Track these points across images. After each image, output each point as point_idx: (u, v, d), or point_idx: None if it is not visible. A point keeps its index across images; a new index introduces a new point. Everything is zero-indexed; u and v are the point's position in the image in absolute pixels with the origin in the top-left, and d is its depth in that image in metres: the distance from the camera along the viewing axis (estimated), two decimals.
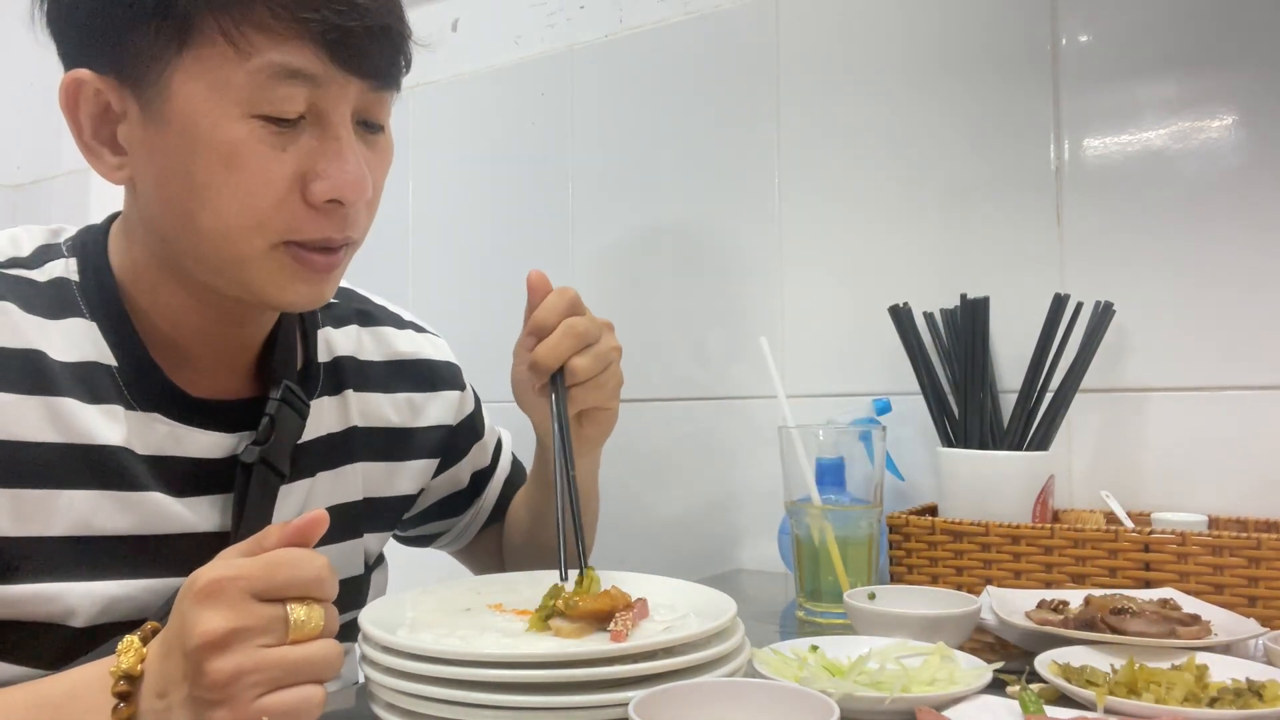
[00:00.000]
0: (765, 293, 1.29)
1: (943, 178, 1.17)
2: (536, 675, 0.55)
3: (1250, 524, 0.94)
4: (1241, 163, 1.01)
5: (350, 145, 0.66)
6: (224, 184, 0.63)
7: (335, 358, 0.84)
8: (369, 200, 0.70)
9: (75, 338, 0.68)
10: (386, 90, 0.69)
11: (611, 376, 0.82)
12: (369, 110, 0.69)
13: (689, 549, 1.33)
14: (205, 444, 0.72)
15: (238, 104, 0.62)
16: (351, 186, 0.66)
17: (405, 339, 0.92)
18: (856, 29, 1.24)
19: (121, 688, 0.52)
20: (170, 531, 0.69)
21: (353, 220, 0.68)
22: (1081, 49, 1.10)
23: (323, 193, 0.65)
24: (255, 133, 0.63)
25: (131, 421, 0.69)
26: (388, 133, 0.73)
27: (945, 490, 1.02)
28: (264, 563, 0.52)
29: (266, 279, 0.67)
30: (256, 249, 0.66)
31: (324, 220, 0.66)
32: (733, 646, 0.62)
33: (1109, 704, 0.57)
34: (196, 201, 0.64)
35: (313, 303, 0.71)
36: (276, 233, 0.65)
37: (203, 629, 0.49)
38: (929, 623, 0.74)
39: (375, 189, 0.70)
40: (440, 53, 1.61)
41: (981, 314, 1.03)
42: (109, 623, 0.66)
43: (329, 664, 0.52)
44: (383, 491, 0.87)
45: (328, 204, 0.66)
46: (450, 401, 0.93)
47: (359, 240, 0.72)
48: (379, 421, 0.86)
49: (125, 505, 0.67)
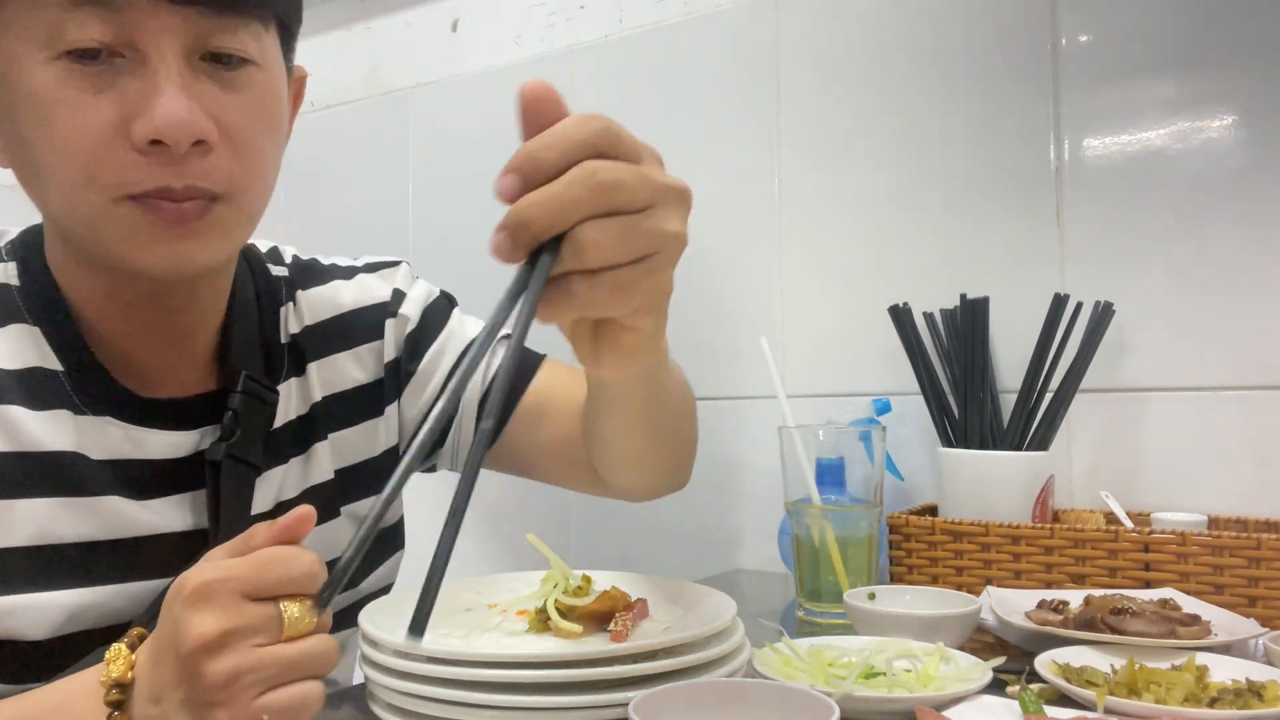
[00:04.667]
0: (765, 293, 1.29)
1: (943, 178, 1.18)
2: (536, 675, 0.55)
3: (1250, 524, 0.94)
4: (1241, 163, 1.01)
5: (170, 78, 0.59)
6: (45, 136, 0.59)
7: (293, 335, 0.80)
8: (231, 146, 0.62)
9: (18, 344, 0.66)
10: (228, 18, 0.61)
11: (648, 273, 0.50)
12: (212, 40, 0.61)
13: (689, 549, 1.33)
14: (163, 444, 0.70)
15: (40, 46, 0.58)
16: (170, 123, 0.58)
17: (353, 287, 0.84)
18: (856, 29, 1.24)
19: (114, 696, 0.51)
20: (135, 535, 0.67)
21: (197, 167, 0.61)
22: (1081, 49, 1.10)
23: (140, 133, 0.58)
24: (62, 76, 0.58)
25: (82, 426, 0.66)
26: (262, 71, 0.64)
27: (945, 490, 1.02)
28: (253, 562, 0.51)
29: (121, 240, 0.61)
30: (96, 206, 0.60)
31: (153, 165, 0.59)
32: (733, 646, 0.62)
33: (1109, 704, 0.57)
34: (33, 163, 0.60)
35: (179, 265, 0.63)
36: (110, 186, 0.60)
37: (197, 632, 0.48)
38: (929, 623, 0.75)
39: (235, 132, 0.62)
40: (440, 53, 1.61)
41: (981, 314, 1.03)
42: (76, 631, 0.65)
43: (326, 658, 0.52)
44: (361, 455, 0.82)
45: (153, 146, 0.59)
46: (389, 331, 0.84)
47: (232, 197, 0.63)
48: (345, 383, 0.81)
49: (84, 511, 0.65)
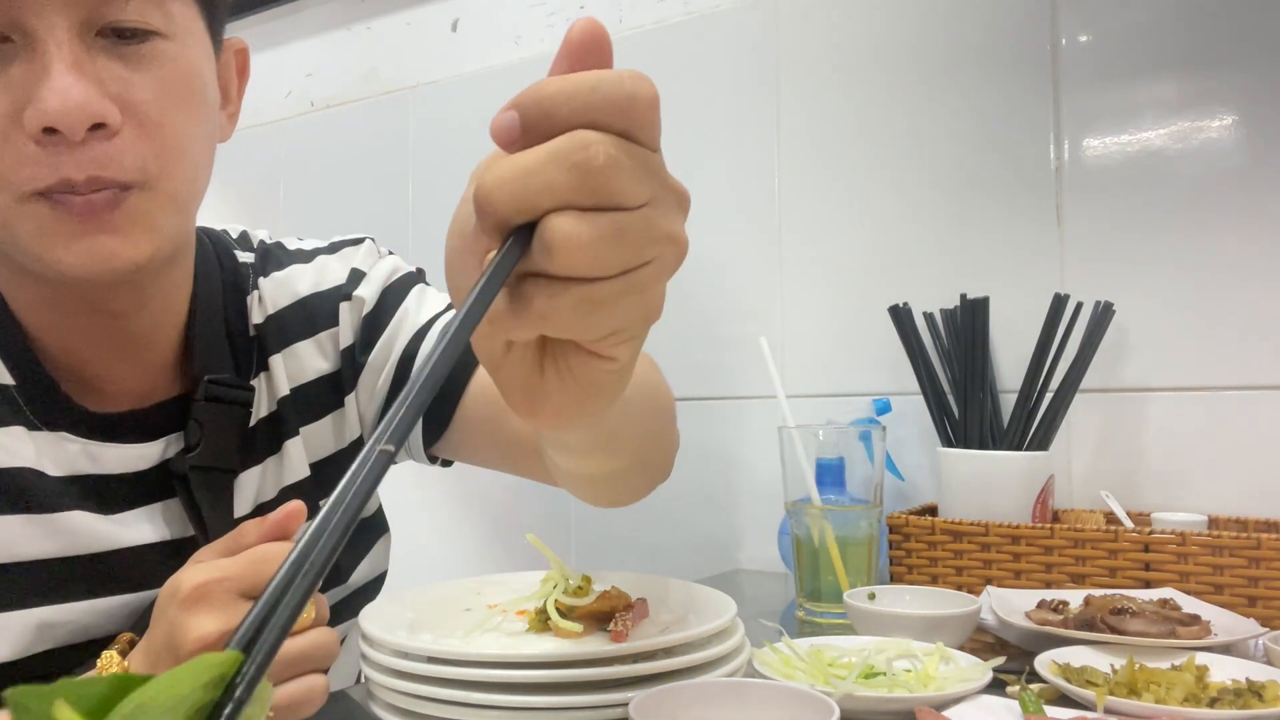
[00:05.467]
0: (765, 293, 1.29)
1: (943, 178, 1.18)
2: (536, 675, 0.55)
3: (1250, 524, 0.94)
4: (1241, 163, 1.01)
5: (60, 58, 0.54)
6: None
7: (255, 326, 0.75)
8: (140, 127, 0.57)
9: None
10: None
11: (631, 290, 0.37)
12: (108, 13, 0.55)
13: (689, 549, 1.33)
14: (123, 459, 0.67)
15: None
16: (63, 108, 0.53)
17: (311, 271, 0.78)
18: (856, 29, 1.24)
19: None
20: (102, 550, 0.65)
21: (107, 155, 0.56)
22: (1081, 49, 1.10)
23: (33, 121, 0.54)
24: None
25: (39, 442, 0.63)
26: (173, 44, 0.59)
27: (945, 490, 1.02)
28: (247, 560, 0.51)
29: (34, 240, 0.57)
30: (4, 206, 0.56)
31: (53, 157, 0.55)
32: (733, 646, 0.62)
33: (1109, 704, 0.57)
34: None
35: (101, 262, 0.58)
36: (11, 183, 0.55)
37: (196, 634, 0.48)
38: (929, 623, 0.75)
39: (144, 111, 0.57)
40: (440, 53, 1.61)
41: (981, 314, 1.03)
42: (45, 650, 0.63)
43: (327, 651, 0.52)
44: (334, 446, 0.79)
45: (47, 135, 0.54)
46: (344, 316, 0.78)
47: (147, 184, 0.58)
48: (310, 374, 0.76)
49: (46, 529, 0.63)
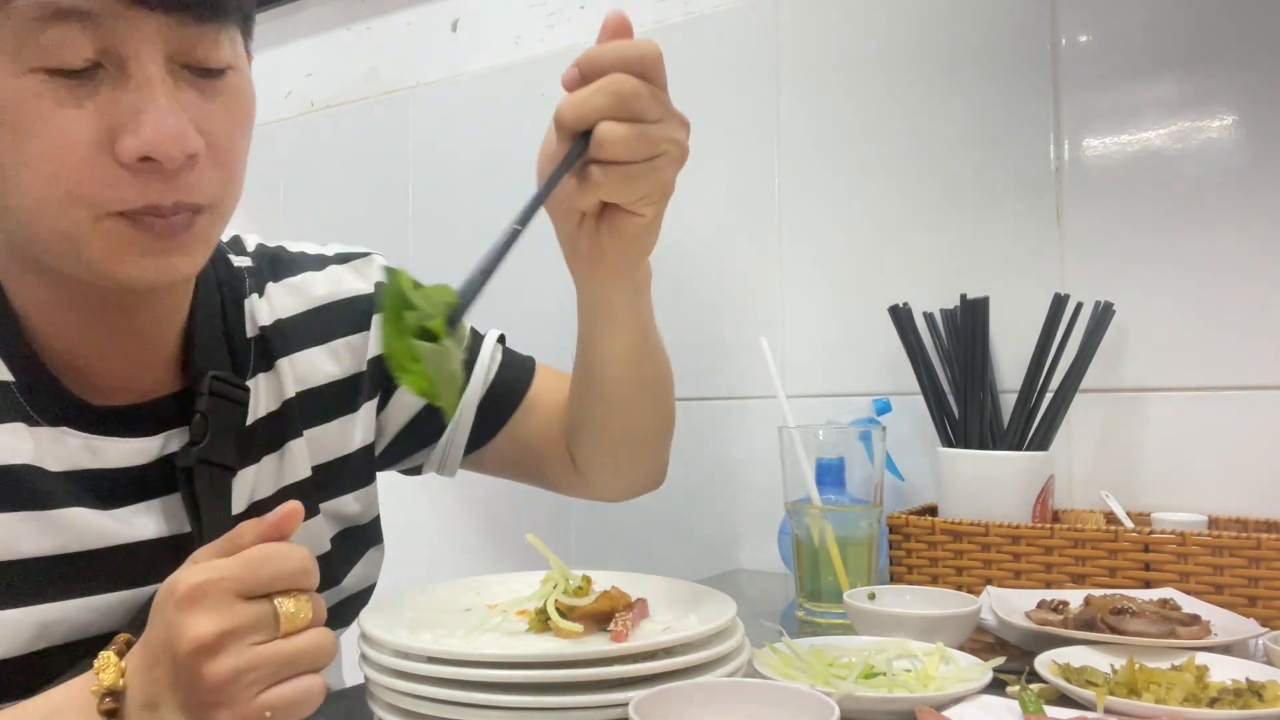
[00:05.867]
0: (765, 293, 1.29)
1: (943, 178, 1.17)
2: (536, 675, 0.55)
3: (1250, 524, 0.94)
4: (1241, 163, 1.01)
5: (161, 92, 0.56)
6: (17, 153, 0.56)
7: (260, 329, 0.76)
8: (214, 157, 0.60)
9: None
10: (210, 24, 0.58)
11: (653, 170, 0.64)
12: (192, 50, 0.58)
13: (689, 549, 1.33)
14: (124, 453, 0.67)
15: (10, 57, 0.54)
16: (163, 139, 0.56)
17: (325, 280, 0.81)
18: (856, 29, 1.24)
19: (108, 705, 0.51)
20: (100, 546, 0.65)
21: (186, 182, 0.58)
22: (1081, 49, 1.10)
23: (131, 150, 0.56)
24: (37, 89, 0.55)
25: (38, 438, 0.64)
26: (239, 76, 0.62)
27: (945, 490, 1.02)
28: (245, 561, 0.51)
29: (103, 255, 0.59)
30: (78, 223, 0.57)
31: (144, 183, 0.57)
32: (733, 646, 0.62)
33: (1109, 704, 0.57)
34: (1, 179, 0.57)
35: (162, 277, 0.61)
36: (95, 203, 0.57)
37: (193, 634, 0.48)
38: (929, 623, 0.75)
39: (218, 142, 0.60)
40: (440, 53, 1.61)
41: (981, 314, 1.03)
42: (47, 647, 0.63)
43: (324, 652, 0.52)
44: (338, 452, 0.80)
45: (141, 163, 0.56)
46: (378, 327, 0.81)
47: (214, 206, 0.62)
48: (319, 379, 0.79)
49: (46, 526, 0.63)
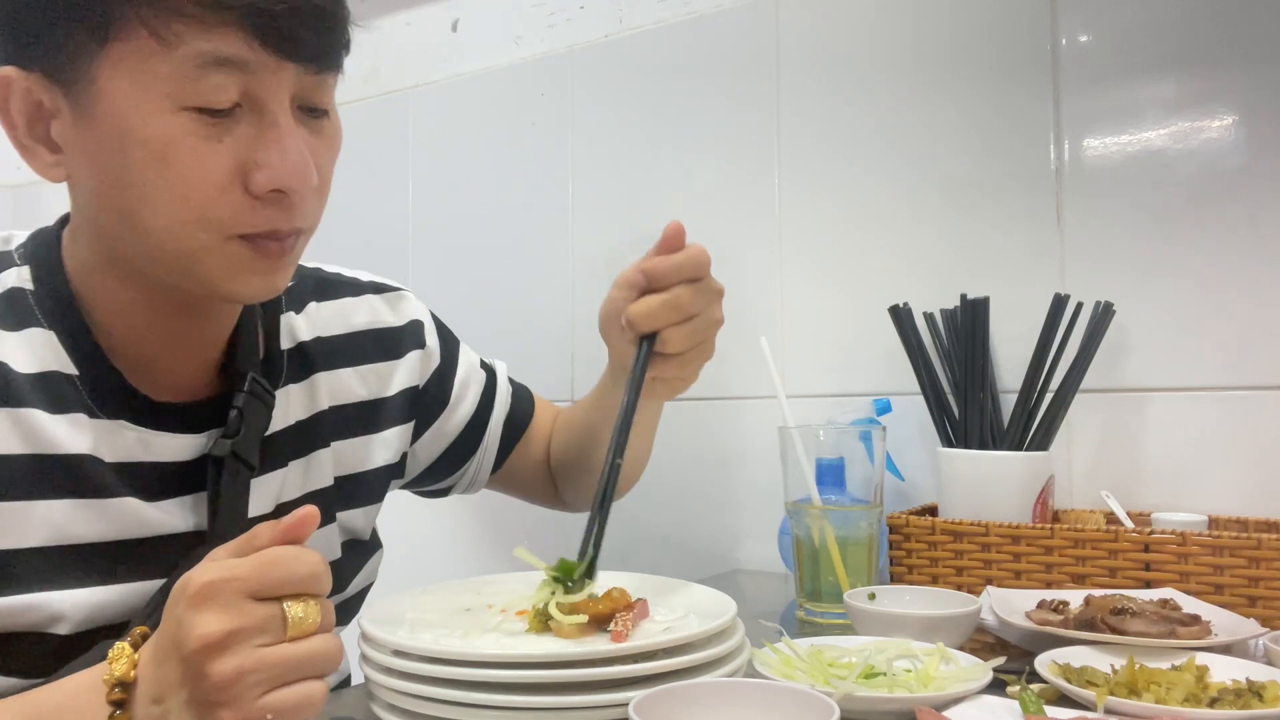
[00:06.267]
0: (765, 293, 1.29)
1: (943, 178, 1.17)
2: (536, 675, 0.55)
3: (1250, 524, 0.94)
4: (1241, 163, 1.01)
5: (290, 132, 0.64)
6: (159, 179, 0.62)
7: (299, 343, 0.82)
8: (317, 188, 0.68)
9: (35, 348, 0.67)
10: (326, 73, 0.66)
11: (702, 352, 0.83)
12: (309, 95, 0.66)
13: (689, 549, 1.33)
14: (173, 447, 0.71)
15: (166, 96, 0.60)
16: (294, 174, 0.63)
17: (364, 307, 0.89)
18: (856, 29, 1.24)
19: (116, 695, 0.52)
20: (146, 535, 0.69)
21: (300, 209, 0.66)
22: (1081, 49, 1.10)
23: (265, 183, 0.63)
24: (186, 125, 0.61)
25: (97, 429, 0.68)
26: (333, 117, 0.70)
27: (945, 490, 1.02)
28: (257, 562, 0.51)
29: (219, 272, 0.65)
30: (204, 243, 0.64)
31: (269, 211, 0.64)
32: (733, 646, 0.62)
33: (1109, 704, 0.58)
34: (135, 199, 0.63)
35: (266, 293, 0.69)
36: (222, 226, 0.63)
37: (200, 632, 0.49)
38: (929, 623, 0.74)
39: (322, 176, 0.68)
40: (440, 53, 1.61)
41: (981, 314, 1.03)
42: (96, 628, 0.66)
43: (329, 658, 0.52)
44: (358, 467, 0.86)
45: (271, 194, 0.64)
46: (413, 362, 0.90)
47: (310, 229, 0.70)
48: (349, 397, 0.85)
49: (99, 513, 0.67)
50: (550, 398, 1.07)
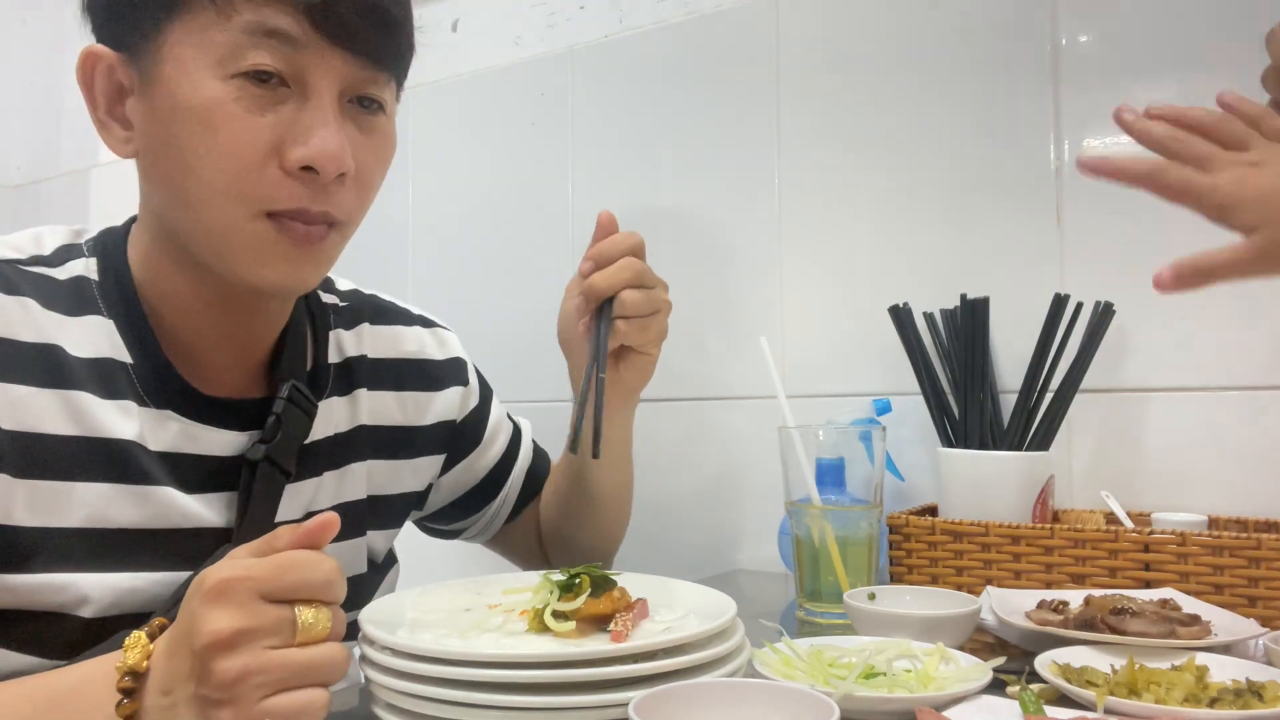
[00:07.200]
0: (765, 293, 1.29)
1: (943, 178, 1.17)
2: (536, 675, 0.55)
3: (1250, 524, 0.94)
4: None
5: (331, 114, 0.66)
6: (202, 145, 0.64)
7: (346, 358, 0.85)
8: (358, 182, 0.69)
9: (93, 335, 0.69)
10: (379, 70, 0.68)
11: (656, 322, 0.88)
12: (362, 87, 0.68)
13: (689, 549, 1.33)
14: (217, 442, 0.73)
15: (218, 63, 0.63)
16: (325, 153, 0.65)
17: (413, 336, 0.92)
18: (856, 29, 1.24)
19: (126, 683, 0.52)
20: (181, 526, 0.70)
21: (334, 196, 0.67)
22: (1081, 49, 1.10)
23: (297, 158, 0.65)
24: (234, 93, 0.64)
25: (145, 418, 0.69)
26: (388, 120, 0.72)
27: (945, 490, 1.02)
28: (274, 564, 0.52)
29: (245, 254, 0.67)
30: (236, 218, 0.66)
31: (298, 187, 0.66)
32: (733, 646, 0.62)
33: (1109, 704, 0.57)
34: (182, 168, 0.65)
35: (293, 282, 0.70)
36: (255, 201, 0.65)
37: (210, 628, 0.49)
38: (929, 623, 0.74)
39: (363, 171, 0.69)
40: (440, 53, 1.61)
41: (981, 314, 1.03)
42: (119, 614, 0.67)
43: (335, 667, 0.52)
44: (387, 489, 0.88)
45: (302, 171, 0.65)
46: (453, 398, 0.94)
47: (345, 222, 0.71)
48: (386, 420, 0.87)
49: (138, 499, 0.68)
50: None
